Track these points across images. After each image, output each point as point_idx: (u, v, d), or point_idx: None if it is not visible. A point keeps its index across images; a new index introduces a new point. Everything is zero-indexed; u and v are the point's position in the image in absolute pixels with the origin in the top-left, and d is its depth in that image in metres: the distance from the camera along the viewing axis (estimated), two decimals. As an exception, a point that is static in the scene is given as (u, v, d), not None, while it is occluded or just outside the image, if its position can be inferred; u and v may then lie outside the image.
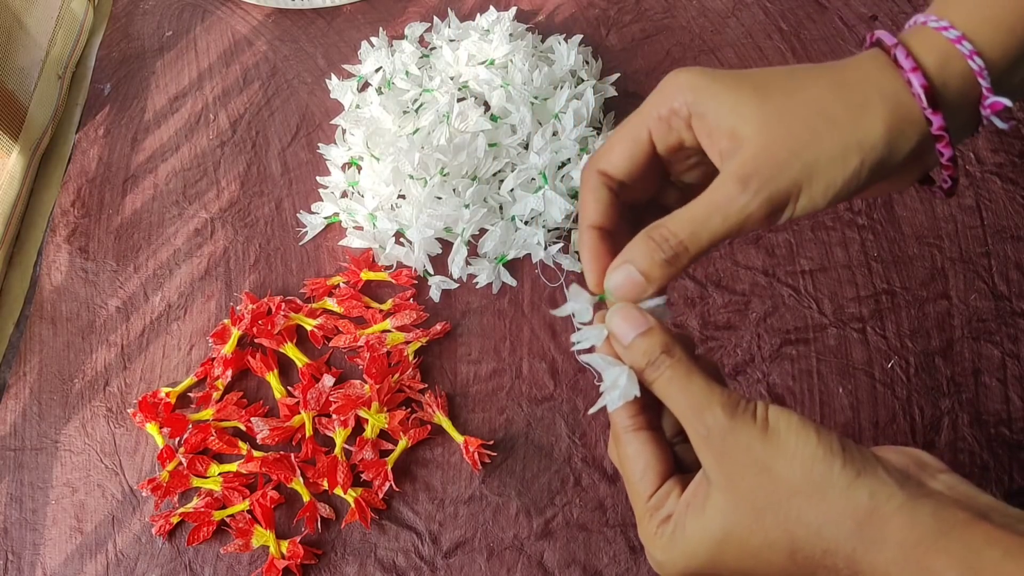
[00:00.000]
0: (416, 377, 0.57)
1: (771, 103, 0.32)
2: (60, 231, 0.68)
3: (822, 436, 0.29)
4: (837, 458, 0.29)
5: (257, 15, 0.79)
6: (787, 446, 0.29)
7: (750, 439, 0.30)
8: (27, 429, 0.59)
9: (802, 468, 0.29)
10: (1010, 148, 0.63)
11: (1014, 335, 0.56)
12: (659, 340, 0.32)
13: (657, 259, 0.33)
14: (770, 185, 0.31)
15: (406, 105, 0.67)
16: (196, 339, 0.62)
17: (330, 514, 0.54)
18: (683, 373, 0.32)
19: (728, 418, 0.30)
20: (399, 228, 0.63)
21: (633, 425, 0.34)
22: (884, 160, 0.32)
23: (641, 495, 0.33)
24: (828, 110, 0.32)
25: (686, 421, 0.31)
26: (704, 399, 0.31)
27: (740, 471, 0.30)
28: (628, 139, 0.35)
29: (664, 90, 0.34)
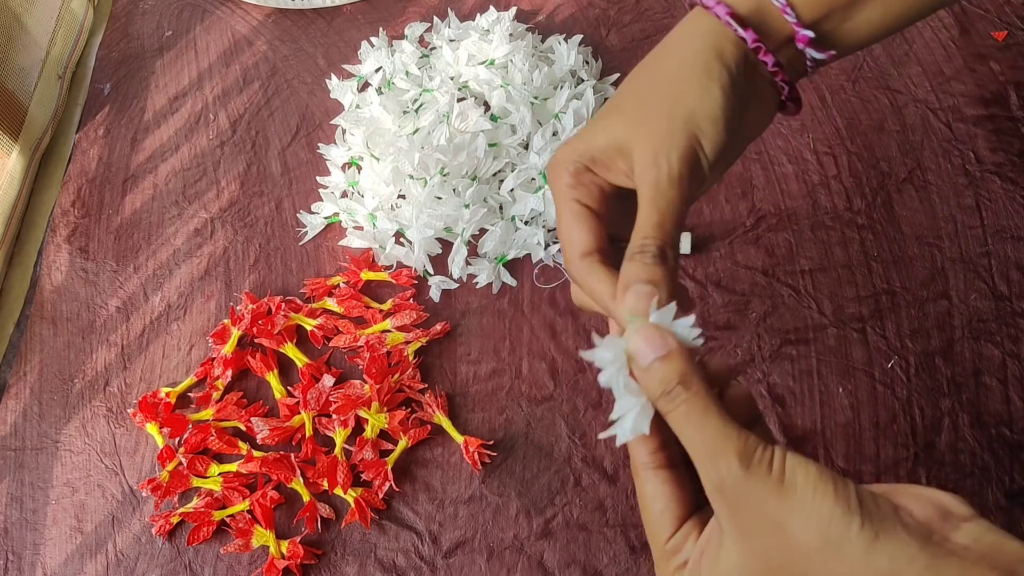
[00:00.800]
0: (416, 377, 0.57)
1: (627, 106, 0.37)
2: (60, 231, 0.68)
3: (839, 492, 0.28)
4: (855, 517, 0.27)
5: (257, 15, 0.79)
6: (803, 503, 0.28)
7: (765, 494, 0.28)
8: (27, 429, 0.59)
9: (818, 528, 0.27)
10: (1009, 148, 0.63)
11: (1014, 335, 0.56)
12: (677, 368, 0.31)
13: (649, 262, 0.33)
14: (673, 148, 0.35)
15: (406, 105, 0.67)
16: (196, 339, 0.62)
17: (330, 514, 0.54)
18: (699, 410, 0.30)
19: (743, 470, 0.28)
20: (399, 228, 0.63)
21: (652, 463, 0.32)
22: (732, 79, 0.36)
23: (659, 537, 0.32)
24: (668, 73, 0.37)
25: (699, 464, 0.30)
26: (719, 444, 0.29)
27: (754, 527, 0.28)
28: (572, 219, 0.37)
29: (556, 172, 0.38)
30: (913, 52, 0.68)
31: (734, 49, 0.37)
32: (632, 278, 0.33)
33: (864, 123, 0.65)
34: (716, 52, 0.36)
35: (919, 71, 0.67)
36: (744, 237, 0.61)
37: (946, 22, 0.69)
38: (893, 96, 0.66)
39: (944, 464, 0.52)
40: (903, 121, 0.65)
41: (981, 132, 0.64)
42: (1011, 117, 0.64)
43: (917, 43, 0.69)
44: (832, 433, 0.54)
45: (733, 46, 0.37)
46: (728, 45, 0.36)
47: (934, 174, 0.62)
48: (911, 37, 0.69)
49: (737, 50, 0.37)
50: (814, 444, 0.53)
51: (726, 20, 0.36)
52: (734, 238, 0.61)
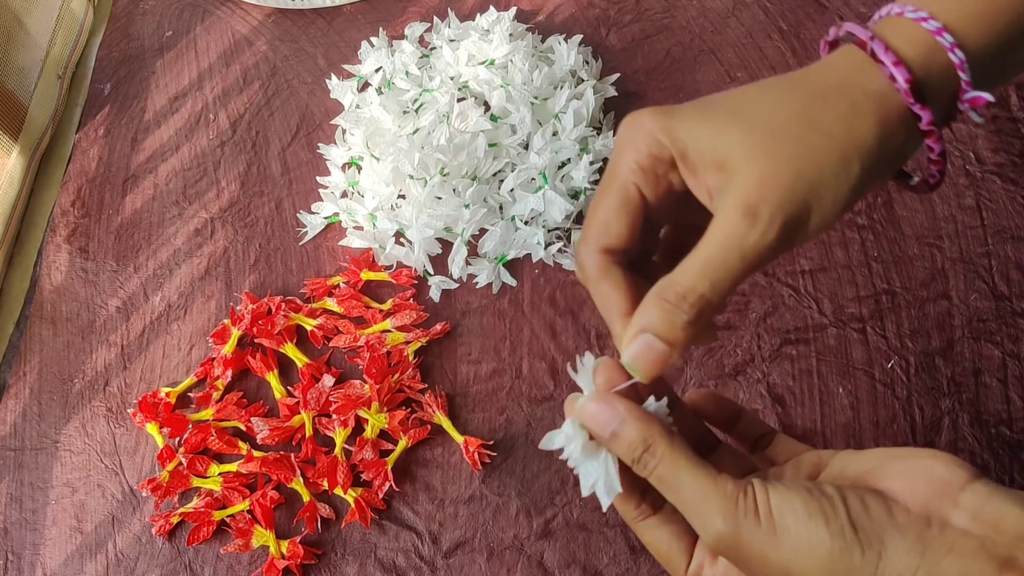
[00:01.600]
0: (416, 377, 0.57)
1: (757, 126, 0.30)
2: (60, 231, 0.68)
3: (832, 524, 0.27)
4: (855, 547, 0.27)
5: (257, 15, 0.79)
6: (801, 547, 0.27)
7: (762, 547, 0.28)
8: (27, 429, 0.59)
9: (824, 568, 0.27)
10: (1010, 148, 0.63)
11: (1014, 335, 0.56)
12: (638, 435, 0.30)
13: (679, 322, 0.29)
14: (783, 210, 0.29)
15: (406, 105, 0.67)
16: (196, 339, 0.62)
17: (330, 514, 0.54)
18: (670, 472, 0.29)
19: (731, 528, 0.28)
20: (399, 228, 0.63)
21: (639, 516, 0.32)
22: (879, 161, 0.30)
23: (678, 572, 0.32)
24: (819, 122, 0.30)
25: (692, 524, 0.30)
26: (700, 504, 0.29)
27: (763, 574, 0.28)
28: (620, 203, 0.32)
29: (634, 139, 0.31)
30: (913, 52, 0.68)
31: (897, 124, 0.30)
32: (653, 327, 0.30)
33: (864, 123, 0.65)
34: (880, 124, 0.30)
35: (919, 71, 0.67)
36: (744, 237, 0.61)
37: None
38: (893, 96, 0.66)
39: (944, 464, 0.52)
40: (903, 121, 0.65)
41: (982, 132, 0.64)
42: (1012, 118, 0.64)
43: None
44: (832, 433, 0.54)
45: (898, 120, 0.30)
46: (894, 118, 0.30)
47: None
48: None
49: (900, 126, 0.30)
50: (814, 444, 0.53)
51: (903, 88, 0.30)
52: (734, 238, 0.61)
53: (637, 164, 0.31)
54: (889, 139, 0.30)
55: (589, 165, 0.62)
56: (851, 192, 0.30)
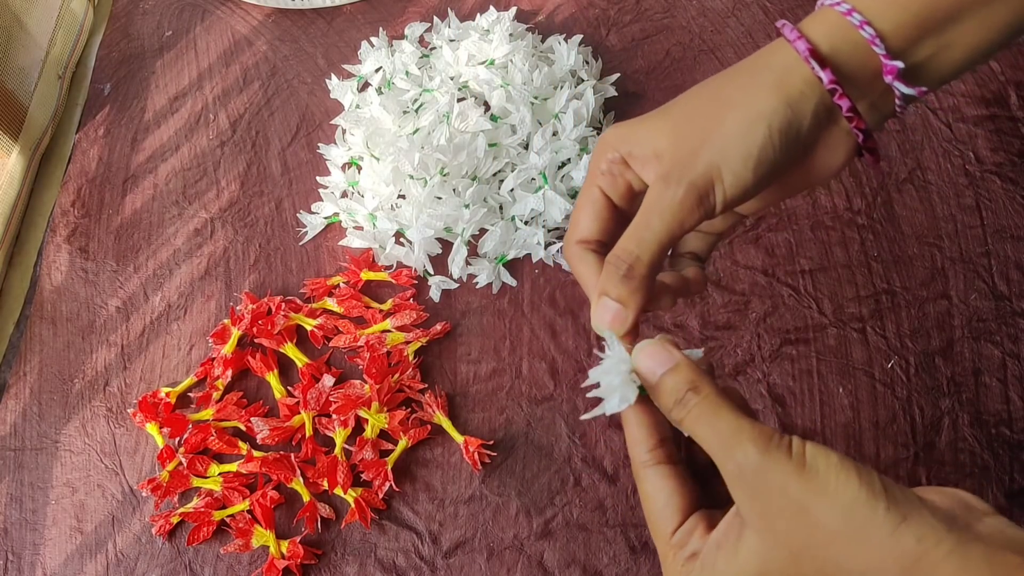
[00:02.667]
0: (416, 377, 0.57)
1: (676, 115, 0.35)
2: (60, 231, 0.68)
3: (863, 476, 0.28)
4: (881, 500, 0.27)
5: (257, 15, 0.79)
6: (826, 486, 0.28)
7: (786, 477, 0.28)
8: (27, 429, 0.59)
9: (843, 510, 0.27)
10: (1010, 148, 0.63)
11: (1014, 335, 0.56)
12: (686, 377, 0.32)
13: (617, 278, 0.34)
14: (688, 173, 0.33)
15: (406, 105, 0.67)
16: (196, 339, 0.62)
17: (330, 514, 0.54)
18: (710, 409, 0.30)
19: (760, 454, 0.29)
20: (399, 228, 0.63)
21: (651, 460, 0.33)
22: (792, 123, 0.34)
23: (663, 532, 0.32)
24: (724, 96, 0.35)
25: (717, 459, 0.30)
26: (733, 435, 0.29)
27: (776, 511, 0.28)
28: (587, 203, 0.37)
29: (597, 150, 0.37)
30: (913, 52, 0.68)
31: (807, 89, 0.34)
32: (604, 289, 0.34)
33: (864, 123, 0.65)
34: (781, 90, 0.34)
35: (919, 71, 0.67)
36: (744, 237, 0.61)
37: (946, 22, 0.69)
38: (893, 96, 0.66)
39: (944, 464, 0.52)
40: (903, 121, 0.65)
41: (981, 132, 0.64)
42: (1011, 117, 0.64)
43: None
44: (832, 433, 0.54)
45: (807, 86, 0.34)
46: (801, 84, 0.34)
47: (934, 174, 0.62)
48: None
49: (811, 91, 0.34)
50: (814, 444, 0.53)
51: (805, 56, 0.34)
52: (734, 238, 0.61)
53: (599, 170, 0.37)
54: (797, 102, 0.34)
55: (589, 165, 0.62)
56: (760, 151, 0.33)
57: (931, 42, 0.34)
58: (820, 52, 0.34)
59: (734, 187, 0.34)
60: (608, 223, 0.37)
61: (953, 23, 0.34)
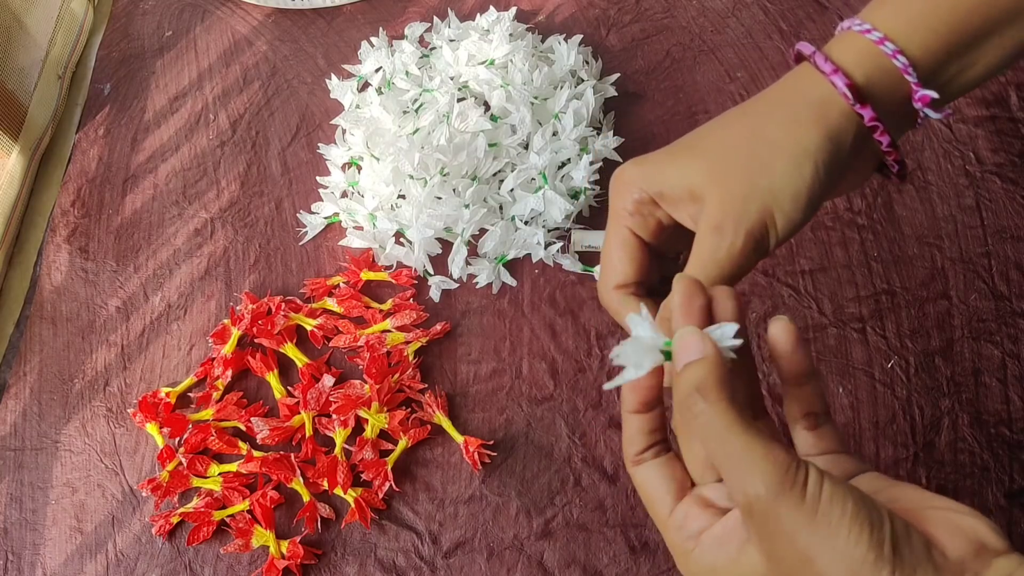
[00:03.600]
0: (416, 377, 0.57)
1: (713, 154, 0.35)
2: (60, 231, 0.68)
3: (875, 534, 0.26)
4: (886, 566, 0.26)
5: (257, 15, 0.79)
6: (836, 541, 0.26)
7: (796, 525, 0.27)
8: (27, 429, 0.59)
9: (848, 570, 0.26)
10: (1010, 148, 0.63)
11: (1014, 335, 0.56)
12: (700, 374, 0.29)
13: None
14: (743, 221, 0.33)
15: (406, 105, 0.67)
16: (196, 339, 0.62)
17: (330, 514, 0.54)
18: (720, 424, 0.29)
19: (772, 495, 0.27)
20: (399, 228, 0.63)
21: (639, 460, 0.33)
22: (835, 156, 0.34)
23: (662, 513, 0.32)
24: (764, 136, 0.34)
25: (726, 480, 0.29)
26: (745, 463, 0.28)
27: (780, 554, 0.27)
28: (620, 246, 0.37)
29: (619, 189, 0.37)
30: (913, 52, 0.68)
31: (845, 123, 0.34)
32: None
33: (864, 123, 0.65)
34: (823, 126, 0.34)
35: (919, 71, 0.67)
36: (744, 237, 0.61)
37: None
38: (893, 96, 0.66)
39: (943, 464, 0.52)
40: (903, 121, 0.65)
41: (982, 133, 0.64)
42: (1012, 118, 0.64)
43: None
44: (832, 433, 0.54)
45: (845, 120, 0.34)
46: (839, 118, 0.34)
47: (934, 174, 0.62)
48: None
49: (849, 124, 0.34)
50: (814, 444, 0.53)
51: (843, 92, 0.34)
52: (734, 238, 0.61)
53: (626, 210, 0.37)
54: (837, 138, 0.34)
55: (589, 165, 0.62)
56: (809, 190, 0.33)
57: (956, 64, 0.35)
58: (856, 85, 0.34)
59: (786, 228, 0.34)
60: (642, 263, 0.37)
61: (977, 44, 0.34)
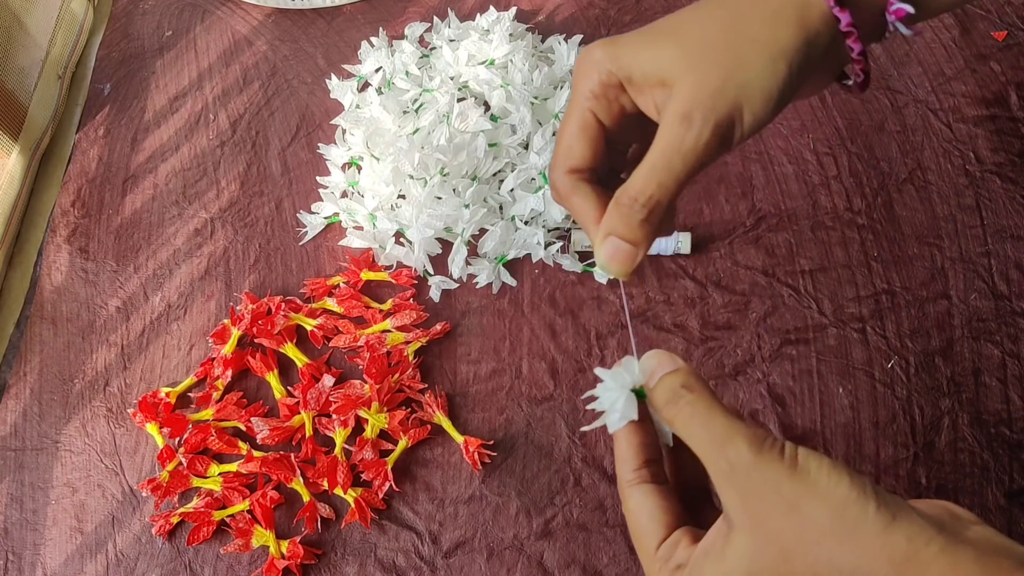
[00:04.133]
0: (416, 377, 0.57)
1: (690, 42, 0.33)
2: (60, 231, 0.68)
3: (854, 478, 0.28)
4: (871, 500, 0.27)
5: (257, 15, 0.79)
6: (818, 486, 0.28)
7: (778, 476, 0.28)
8: (27, 429, 0.59)
9: (834, 509, 0.27)
10: (1010, 148, 0.63)
11: (1014, 335, 0.56)
12: (681, 378, 0.32)
13: (634, 221, 0.33)
14: (713, 113, 0.32)
15: (406, 105, 0.67)
16: (196, 339, 0.62)
17: (330, 514, 0.54)
18: (704, 408, 0.31)
19: (753, 453, 0.29)
20: (399, 228, 0.63)
21: (636, 479, 0.33)
22: (805, 60, 0.33)
23: (647, 547, 0.32)
24: (746, 31, 0.33)
25: (707, 457, 0.30)
26: (726, 433, 0.30)
27: (766, 510, 0.28)
28: (579, 128, 0.35)
29: (585, 70, 0.35)
30: (913, 52, 0.68)
31: (822, 27, 0.33)
32: (615, 229, 0.33)
33: (864, 123, 0.65)
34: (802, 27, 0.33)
35: (920, 71, 0.67)
36: (744, 237, 0.61)
37: (946, 22, 0.69)
38: (893, 96, 0.66)
39: (943, 464, 0.52)
40: (903, 121, 0.65)
41: (982, 132, 0.64)
42: (1012, 117, 0.64)
43: (917, 43, 0.69)
44: (832, 433, 0.54)
45: (822, 23, 0.33)
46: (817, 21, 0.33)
47: (934, 174, 0.62)
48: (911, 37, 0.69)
49: (825, 28, 0.33)
50: (814, 444, 0.53)
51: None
52: (734, 238, 0.61)
53: (591, 92, 0.35)
54: (813, 41, 0.33)
55: (589, 165, 0.62)
56: (780, 91, 0.33)
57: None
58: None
59: (752, 126, 0.33)
60: (598, 149, 0.35)
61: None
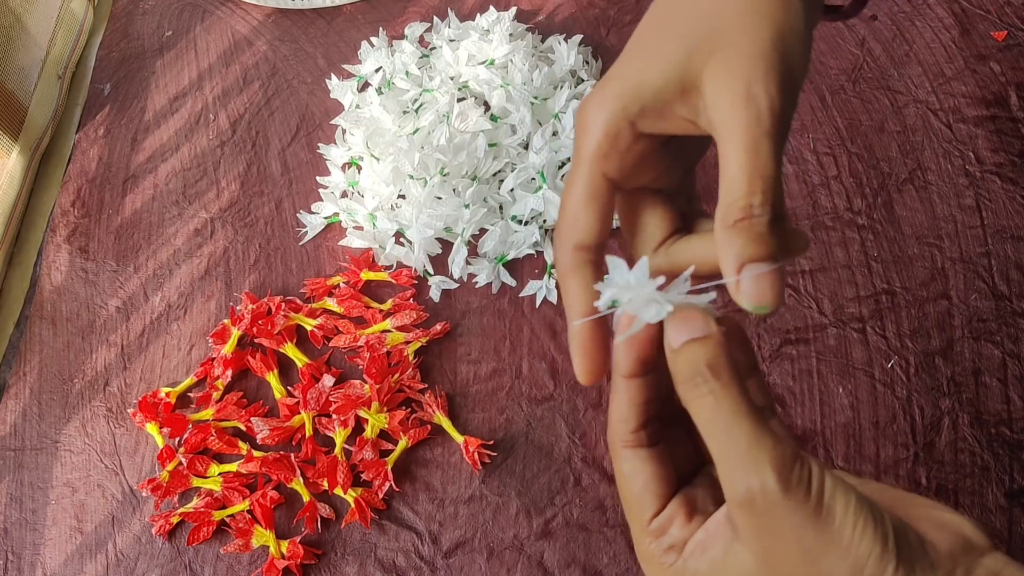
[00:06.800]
0: (416, 377, 0.57)
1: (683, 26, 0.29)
2: (60, 231, 0.68)
3: (878, 527, 0.25)
4: (891, 559, 0.25)
5: (257, 15, 0.79)
6: (841, 538, 0.25)
7: (802, 522, 0.25)
8: (27, 429, 0.59)
9: (854, 566, 0.25)
10: (1010, 148, 0.63)
11: (1014, 335, 0.56)
12: (709, 353, 0.27)
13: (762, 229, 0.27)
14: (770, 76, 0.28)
15: (406, 105, 0.67)
16: (196, 339, 0.62)
17: (330, 514, 0.54)
18: (728, 410, 0.26)
19: (781, 490, 0.25)
20: (399, 228, 0.63)
21: (633, 440, 0.30)
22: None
23: (641, 517, 0.29)
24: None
25: (725, 472, 0.26)
26: (751, 453, 0.26)
27: (781, 554, 0.26)
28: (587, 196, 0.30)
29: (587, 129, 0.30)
30: (914, 52, 0.68)
31: None
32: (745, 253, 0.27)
33: (864, 123, 0.65)
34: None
35: (920, 72, 0.67)
36: (744, 237, 0.61)
37: (946, 23, 0.69)
38: (893, 96, 0.66)
39: (944, 464, 0.52)
40: (903, 121, 0.65)
41: (982, 133, 0.64)
42: (1012, 118, 0.64)
43: (917, 43, 0.69)
44: (832, 433, 0.54)
45: None
46: None
47: (934, 174, 0.62)
48: (911, 37, 0.69)
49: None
50: (814, 444, 0.53)
51: None
52: (734, 238, 0.61)
53: (597, 150, 0.30)
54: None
55: (589, 165, 0.62)
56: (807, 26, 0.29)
57: None
58: None
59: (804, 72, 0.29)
60: (608, 222, 0.31)
61: None
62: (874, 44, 0.69)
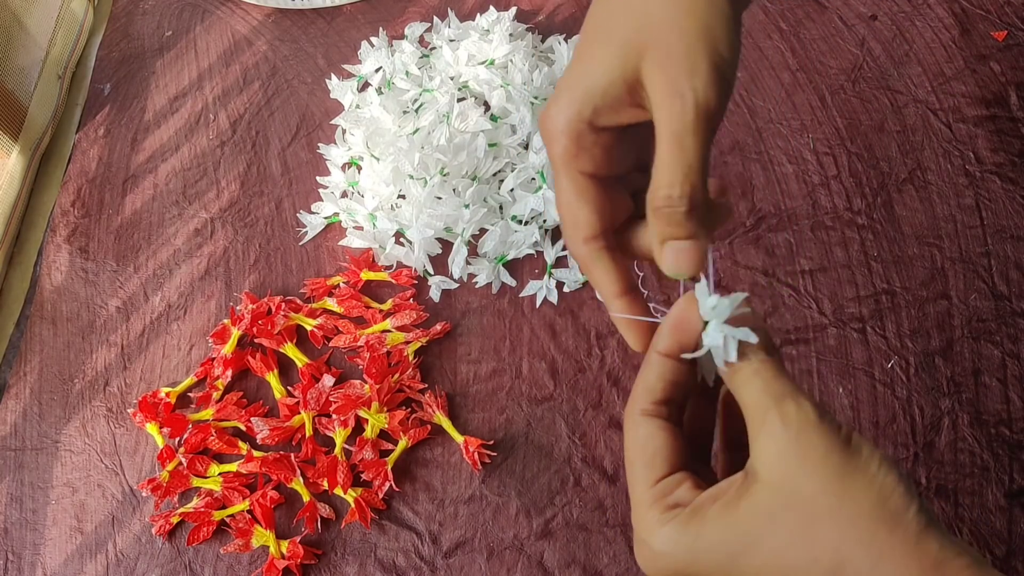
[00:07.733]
0: (416, 377, 0.57)
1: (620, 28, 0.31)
2: (60, 231, 0.68)
3: (903, 475, 0.27)
4: (915, 500, 0.27)
5: (257, 15, 0.79)
6: (868, 468, 0.27)
7: (831, 445, 0.27)
8: (27, 429, 0.59)
9: (879, 495, 0.27)
10: (1010, 148, 0.63)
11: (1014, 335, 0.56)
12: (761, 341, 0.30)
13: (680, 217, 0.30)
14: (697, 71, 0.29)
15: (406, 105, 0.67)
16: (196, 339, 0.62)
17: (330, 514, 0.54)
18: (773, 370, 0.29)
19: (817, 416, 0.28)
20: (399, 228, 0.63)
21: (654, 411, 0.31)
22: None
23: (647, 478, 0.30)
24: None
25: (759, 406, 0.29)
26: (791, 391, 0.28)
27: (809, 471, 0.27)
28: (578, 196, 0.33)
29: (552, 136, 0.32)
30: (913, 52, 0.68)
31: None
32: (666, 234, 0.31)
33: (864, 123, 0.65)
34: None
35: (920, 71, 0.67)
36: (744, 237, 0.61)
37: (946, 22, 0.69)
38: (893, 96, 0.66)
39: (944, 464, 0.52)
40: (903, 121, 0.65)
41: (981, 132, 0.64)
42: (1011, 117, 0.64)
43: (917, 43, 0.69)
44: (832, 433, 0.54)
45: None
46: None
47: (934, 174, 0.62)
48: (911, 37, 0.69)
49: None
50: (814, 444, 0.53)
51: None
52: (734, 238, 0.61)
53: (565, 153, 0.32)
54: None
55: (589, 165, 0.62)
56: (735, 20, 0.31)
57: None
58: None
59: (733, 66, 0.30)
60: (604, 206, 0.33)
61: None
62: (874, 44, 0.69)
